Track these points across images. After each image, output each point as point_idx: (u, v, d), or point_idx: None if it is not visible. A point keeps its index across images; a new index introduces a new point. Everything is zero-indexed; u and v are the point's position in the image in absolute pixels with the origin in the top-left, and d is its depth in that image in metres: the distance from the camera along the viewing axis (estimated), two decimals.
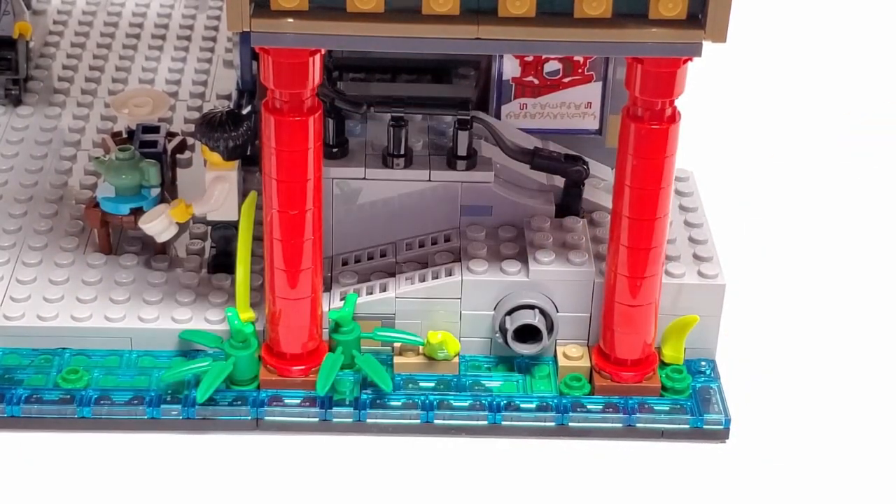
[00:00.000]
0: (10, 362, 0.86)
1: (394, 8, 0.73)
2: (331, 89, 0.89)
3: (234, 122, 0.87)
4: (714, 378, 0.88)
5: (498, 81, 0.92)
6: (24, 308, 0.87)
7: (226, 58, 1.17)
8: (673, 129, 0.78)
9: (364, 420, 0.84)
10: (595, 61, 0.91)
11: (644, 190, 0.80)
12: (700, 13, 0.74)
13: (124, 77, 1.15)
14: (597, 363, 0.86)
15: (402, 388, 0.86)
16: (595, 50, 0.80)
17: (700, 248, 0.90)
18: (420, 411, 0.84)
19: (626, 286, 0.83)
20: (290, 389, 0.85)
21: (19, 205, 0.97)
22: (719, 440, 0.85)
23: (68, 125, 1.08)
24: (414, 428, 0.84)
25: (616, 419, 0.85)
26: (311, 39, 0.74)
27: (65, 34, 1.21)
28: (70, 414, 0.83)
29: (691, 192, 0.96)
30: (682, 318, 0.87)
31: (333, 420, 0.84)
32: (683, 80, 0.77)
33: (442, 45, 0.74)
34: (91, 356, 0.87)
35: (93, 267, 0.91)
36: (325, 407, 0.84)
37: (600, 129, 0.93)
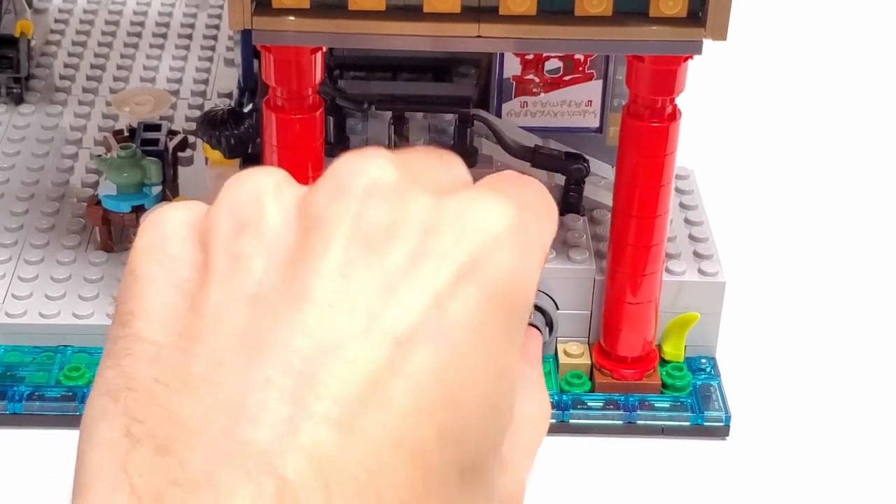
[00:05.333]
0: (12, 359, 0.86)
1: (395, 6, 0.73)
2: (332, 87, 0.89)
3: (235, 120, 0.87)
4: (714, 375, 0.88)
5: (499, 79, 0.92)
6: (26, 305, 0.88)
7: (227, 56, 1.17)
8: (673, 127, 0.78)
9: None
10: (595, 59, 0.91)
11: (644, 188, 0.80)
12: (700, 11, 0.74)
13: (126, 75, 1.15)
14: (597, 360, 0.86)
15: None
16: (596, 48, 0.80)
17: (700, 246, 0.90)
18: None
19: (627, 284, 0.83)
20: None
21: (21, 203, 0.97)
22: (720, 437, 0.85)
23: (70, 123, 1.08)
24: None
25: (617, 416, 0.85)
26: (312, 38, 0.74)
27: (66, 33, 1.21)
28: (72, 411, 0.84)
29: (691, 190, 0.97)
30: (682, 316, 0.87)
31: None
32: (684, 78, 0.77)
33: (443, 44, 0.75)
34: (93, 353, 0.87)
35: (94, 265, 0.91)
36: None
37: (601, 127, 0.94)
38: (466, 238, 0.40)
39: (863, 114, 1.21)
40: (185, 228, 0.42)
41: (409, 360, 0.38)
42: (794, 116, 1.19)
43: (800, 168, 1.13)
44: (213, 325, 0.39)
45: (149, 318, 0.41)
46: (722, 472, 0.83)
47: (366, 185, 0.41)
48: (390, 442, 0.38)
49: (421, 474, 0.38)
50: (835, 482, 0.83)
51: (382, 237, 0.40)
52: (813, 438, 0.86)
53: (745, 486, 0.82)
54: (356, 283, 0.39)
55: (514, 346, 0.42)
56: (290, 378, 0.37)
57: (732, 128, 1.17)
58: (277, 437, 0.37)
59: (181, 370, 0.39)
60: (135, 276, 0.42)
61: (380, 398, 0.38)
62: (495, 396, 0.41)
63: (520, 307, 0.42)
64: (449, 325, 0.39)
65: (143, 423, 0.38)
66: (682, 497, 0.81)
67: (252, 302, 0.39)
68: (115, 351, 0.41)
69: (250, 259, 0.40)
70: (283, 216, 0.41)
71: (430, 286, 0.39)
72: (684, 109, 0.79)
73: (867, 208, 1.08)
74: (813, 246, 1.03)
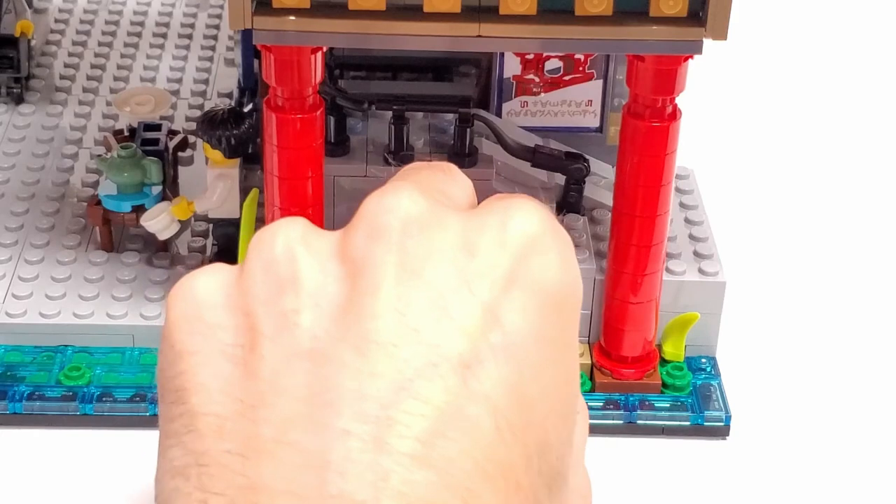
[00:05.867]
0: (13, 359, 0.86)
1: (395, 6, 0.73)
2: (332, 87, 0.89)
3: (235, 120, 0.87)
4: (715, 375, 0.88)
5: (499, 79, 0.92)
6: (27, 305, 0.88)
7: (227, 56, 1.18)
8: (673, 126, 0.78)
9: None
10: (596, 59, 0.91)
11: (645, 187, 0.80)
12: (701, 11, 0.74)
13: (126, 75, 1.15)
14: (598, 360, 0.86)
15: None
16: (596, 48, 0.80)
17: (700, 246, 0.90)
18: None
19: (627, 283, 0.83)
20: None
21: (21, 203, 0.97)
22: (720, 437, 0.85)
23: (70, 123, 1.08)
24: None
25: (617, 416, 0.85)
26: (312, 37, 0.74)
27: (66, 32, 1.21)
28: (72, 411, 0.84)
29: (692, 190, 0.97)
30: (682, 316, 0.87)
31: None
32: (684, 77, 0.77)
33: (443, 43, 0.75)
34: (93, 353, 0.87)
35: (95, 264, 0.91)
36: None
37: (601, 127, 0.94)
38: (508, 247, 0.40)
39: (863, 114, 1.21)
40: (220, 295, 0.42)
41: (480, 381, 0.38)
42: (795, 116, 1.19)
43: (800, 168, 1.13)
44: (275, 387, 0.39)
45: (203, 392, 0.40)
46: (722, 472, 0.83)
47: (401, 219, 0.41)
48: (480, 469, 0.37)
49: (513, 496, 0.38)
50: (835, 482, 0.83)
51: (427, 266, 0.40)
52: (813, 438, 0.86)
53: (745, 486, 0.82)
54: (413, 316, 0.39)
55: (573, 346, 0.42)
56: (368, 425, 0.37)
57: (732, 128, 1.17)
58: (369, 485, 0.36)
59: (252, 437, 0.38)
60: (177, 352, 0.41)
61: (460, 427, 0.38)
62: (566, 401, 0.41)
63: (572, 306, 0.41)
64: (509, 336, 0.39)
65: (223, 496, 0.37)
66: (682, 497, 0.81)
67: (309, 357, 0.39)
68: (175, 430, 0.40)
69: (297, 314, 0.40)
70: (321, 266, 0.41)
71: (482, 301, 0.39)
72: (684, 109, 0.79)
73: (867, 208, 1.08)
74: (813, 246, 1.03)
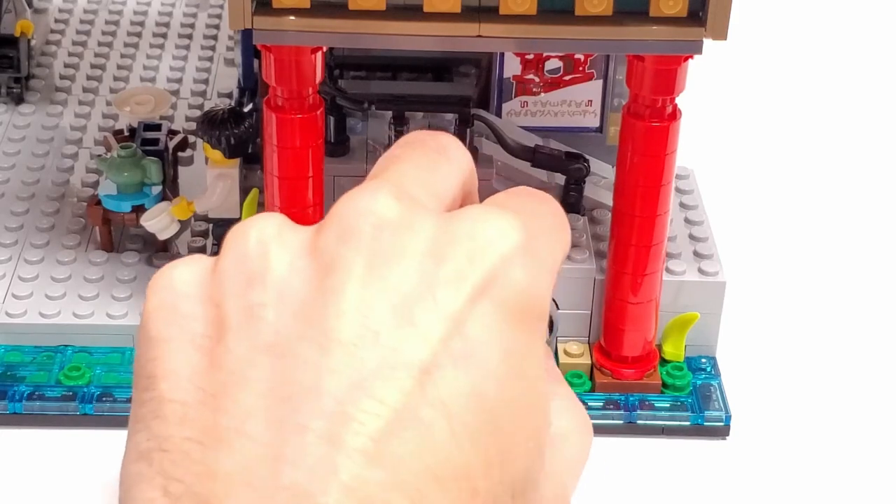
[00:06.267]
0: (13, 359, 0.86)
1: (395, 6, 0.73)
2: (332, 87, 0.89)
3: (235, 120, 0.87)
4: (715, 375, 0.88)
5: (499, 79, 0.92)
6: (26, 305, 0.88)
7: (227, 56, 1.18)
8: (673, 126, 0.78)
9: None
10: (596, 59, 0.91)
11: (645, 187, 0.80)
12: (701, 11, 0.74)
13: (126, 75, 1.15)
14: (597, 360, 0.86)
15: None
16: (596, 48, 0.80)
17: (700, 246, 0.90)
18: None
19: (627, 283, 0.83)
20: None
21: (21, 202, 0.97)
22: (720, 437, 0.85)
23: (70, 123, 1.08)
24: None
25: (617, 416, 0.85)
26: (312, 37, 0.74)
27: (66, 32, 1.21)
28: (72, 411, 0.84)
29: (692, 190, 0.97)
30: (682, 316, 0.87)
31: None
32: (684, 77, 0.77)
33: (443, 43, 0.75)
34: (93, 353, 0.87)
35: (95, 264, 0.91)
36: None
37: (601, 127, 0.94)
38: (477, 259, 0.41)
39: (863, 113, 1.21)
40: (194, 286, 0.43)
41: (437, 386, 0.39)
42: (795, 116, 1.19)
43: (800, 168, 1.13)
44: (237, 378, 0.40)
45: (171, 379, 0.41)
46: (722, 472, 0.83)
47: (373, 223, 0.41)
48: (431, 471, 0.38)
49: (468, 501, 0.39)
50: (835, 482, 0.83)
51: (395, 270, 0.41)
52: (813, 438, 0.86)
53: (745, 486, 0.82)
54: (375, 319, 0.39)
55: (537, 359, 0.42)
56: (323, 420, 0.38)
57: (732, 128, 1.17)
58: (318, 477, 0.37)
59: (212, 426, 0.39)
60: (151, 339, 0.42)
61: (414, 430, 0.38)
62: (531, 412, 0.41)
63: (536, 320, 0.42)
64: (471, 346, 0.40)
65: (182, 482, 0.38)
66: (682, 497, 0.81)
67: (271, 351, 0.40)
68: (143, 414, 0.41)
69: (263, 308, 0.40)
70: (291, 262, 0.41)
71: (447, 311, 0.40)
72: (684, 109, 0.79)
73: (867, 208, 1.08)
74: (813, 246, 1.03)
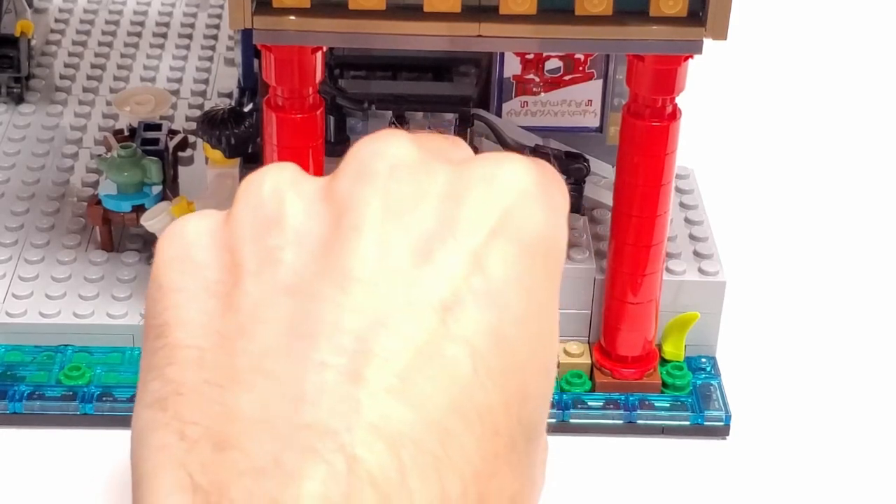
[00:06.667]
0: (13, 359, 0.86)
1: (395, 6, 0.73)
2: (332, 87, 0.89)
3: (235, 120, 0.87)
4: (715, 375, 0.88)
5: (499, 79, 0.92)
6: (27, 305, 0.88)
7: (227, 56, 1.18)
8: (673, 126, 0.78)
9: None
10: (596, 59, 0.91)
11: (644, 187, 0.80)
12: (701, 11, 0.74)
13: (126, 75, 1.15)
14: (597, 360, 0.86)
15: None
16: (596, 47, 0.80)
17: (700, 246, 0.90)
18: None
19: (627, 283, 0.83)
20: None
21: (21, 202, 0.97)
22: (720, 437, 0.85)
23: (70, 123, 1.08)
24: None
25: (617, 416, 0.85)
26: (312, 37, 0.74)
27: (66, 32, 1.21)
28: (72, 410, 0.84)
29: (692, 190, 0.97)
30: (682, 315, 0.87)
31: None
32: (684, 77, 0.77)
33: (443, 43, 0.75)
34: (93, 353, 0.87)
35: (95, 264, 0.91)
36: None
37: (601, 127, 0.94)
38: (495, 197, 0.41)
39: (863, 113, 1.21)
40: (207, 235, 0.43)
41: (459, 323, 0.39)
42: (795, 116, 1.19)
43: (800, 168, 1.13)
44: (255, 320, 0.39)
45: (186, 326, 0.41)
46: (722, 472, 0.83)
47: (389, 164, 0.42)
48: (457, 409, 0.37)
49: (491, 441, 0.38)
50: (835, 482, 0.83)
51: (413, 210, 0.40)
52: (813, 438, 0.86)
53: (745, 486, 0.82)
54: (395, 257, 0.39)
55: (555, 299, 0.42)
56: (345, 358, 0.37)
57: (732, 128, 1.17)
58: (341, 415, 0.36)
59: (230, 367, 0.39)
60: (163, 290, 0.42)
61: (438, 366, 0.38)
62: (547, 353, 0.41)
63: (555, 259, 0.42)
64: (491, 283, 0.39)
65: (198, 424, 0.38)
66: (682, 497, 0.81)
67: (290, 292, 0.39)
68: (155, 363, 0.41)
69: (280, 251, 0.40)
70: (306, 207, 0.41)
71: (466, 248, 0.40)
72: (684, 109, 0.79)
73: (867, 208, 1.08)
74: (813, 246, 1.03)
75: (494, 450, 0.38)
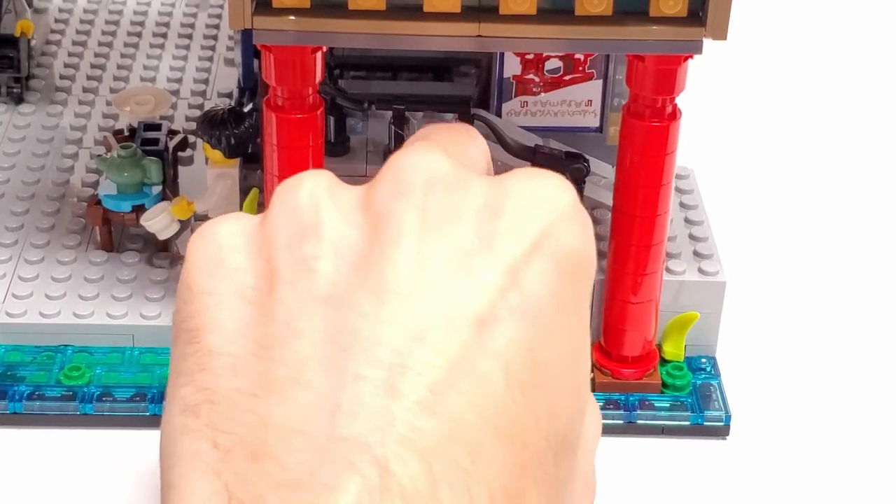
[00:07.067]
0: (13, 359, 0.86)
1: (395, 6, 0.73)
2: (332, 87, 0.89)
3: (235, 120, 0.87)
4: (715, 375, 0.88)
5: (499, 79, 0.92)
6: (27, 305, 0.88)
7: (227, 56, 1.17)
8: (673, 126, 0.78)
9: None
10: (596, 59, 0.91)
11: (645, 187, 0.80)
12: (701, 11, 0.74)
13: (126, 75, 1.15)
14: (597, 360, 0.86)
15: None
16: (596, 47, 0.80)
17: (701, 246, 0.90)
18: None
19: (627, 283, 0.83)
20: None
21: (21, 202, 0.97)
22: (720, 437, 0.85)
23: (70, 123, 1.08)
24: None
25: (617, 416, 0.85)
26: (312, 37, 0.74)
27: (66, 32, 1.21)
28: (72, 411, 0.84)
29: (692, 190, 0.97)
30: (682, 315, 0.87)
31: None
32: (684, 77, 0.77)
33: (443, 43, 0.75)
34: (93, 353, 0.87)
35: (95, 264, 0.91)
36: None
37: (601, 127, 0.94)
38: (534, 213, 0.41)
39: (863, 113, 1.21)
40: (240, 238, 0.42)
41: (494, 338, 0.39)
42: (795, 116, 1.19)
43: (800, 168, 1.13)
44: (290, 329, 0.39)
45: (218, 331, 0.40)
46: (722, 472, 0.83)
47: (426, 178, 0.41)
48: (488, 424, 0.38)
49: (519, 456, 0.38)
50: (835, 482, 0.83)
51: (451, 224, 0.40)
52: (813, 438, 0.86)
53: (745, 486, 0.82)
54: (433, 270, 0.39)
55: (586, 317, 0.42)
56: (381, 371, 0.37)
57: (732, 128, 1.17)
58: (376, 428, 0.36)
59: (264, 377, 0.38)
60: (194, 293, 0.42)
61: (472, 381, 0.38)
62: (578, 371, 0.42)
63: (588, 278, 0.42)
64: (527, 299, 0.40)
65: (232, 434, 0.38)
66: (682, 497, 0.81)
67: (327, 302, 0.39)
68: (187, 368, 0.40)
69: (317, 261, 0.40)
70: (343, 216, 0.41)
71: (504, 263, 0.40)
72: (684, 109, 0.79)
73: (867, 208, 1.08)
74: (813, 246, 1.03)
75: (522, 465, 0.39)
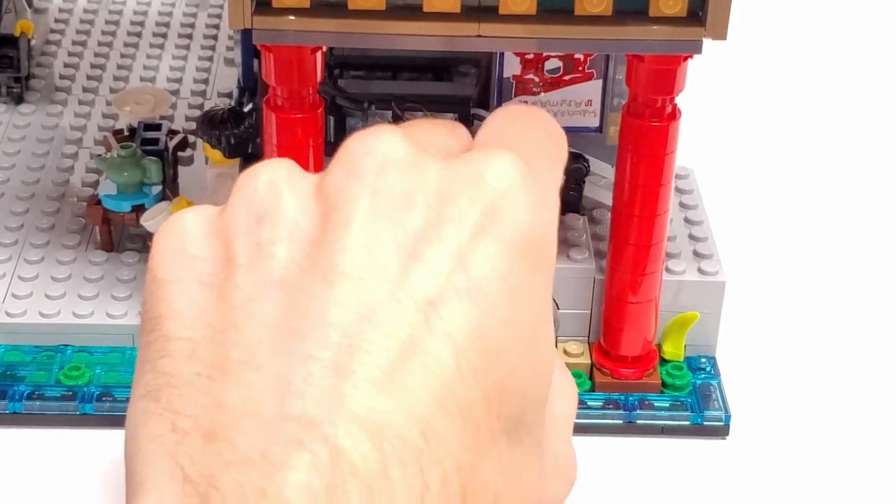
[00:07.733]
0: (13, 359, 0.86)
1: (395, 6, 0.73)
2: (332, 87, 0.89)
3: (235, 120, 0.87)
4: (714, 375, 0.88)
5: (499, 79, 0.92)
6: (26, 305, 0.88)
7: (227, 56, 1.18)
8: (673, 126, 0.78)
9: None
10: (595, 59, 0.91)
11: (644, 187, 0.80)
12: (700, 11, 0.74)
13: (126, 75, 1.15)
14: (597, 360, 0.86)
15: None
16: (596, 47, 0.80)
17: (700, 245, 0.90)
18: None
19: (627, 283, 0.83)
20: None
21: (21, 202, 0.97)
22: (719, 436, 0.85)
23: (70, 123, 1.08)
24: None
25: (616, 415, 0.85)
26: (312, 37, 0.74)
27: (66, 32, 1.21)
28: (72, 410, 0.84)
29: (691, 190, 0.97)
30: (682, 315, 0.87)
31: None
32: (684, 77, 0.77)
33: (443, 43, 0.75)
34: (93, 353, 0.87)
35: (94, 264, 0.91)
36: None
37: (601, 127, 0.94)
38: (479, 197, 0.42)
39: (863, 113, 1.21)
40: (202, 228, 0.43)
41: (442, 319, 0.39)
42: (794, 116, 1.19)
43: (800, 168, 1.13)
44: (245, 313, 0.40)
45: (178, 318, 0.41)
46: (722, 472, 0.83)
47: (378, 161, 0.42)
48: (438, 403, 0.38)
49: (472, 436, 0.39)
50: (835, 482, 0.83)
51: (400, 208, 0.41)
52: (813, 438, 0.86)
53: (745, 486, 0.82)
54: (381, 253, 0.40)
55: (540, 297, 0.42)
56: (330, 351, 0.38)
57: (732, 128, 1.17)
58: (325, 407, 0.37)
59: (220, 359, 0.39)
60: (157, 281, 0.43)
61: (421, 360, 0.38)
62: (535, 351, 0.42)
63: (542, 256, 0.42)
64: (474, 281, 0.40)
65: (189, 416, 0.39)
66: (682, 497, 0.81)
67: (280, 286, 0.40)
68: (149, 355, 0.41)
69: (272, 245, 0.41)
70: (300, 202, 0.42)
71: (451, 247, 0.41)
72: (684, 109, 0.79)
73: (867, 208, 1.08)
74: (813, 246, 1.03)
75: (476, 444, 0.39)
